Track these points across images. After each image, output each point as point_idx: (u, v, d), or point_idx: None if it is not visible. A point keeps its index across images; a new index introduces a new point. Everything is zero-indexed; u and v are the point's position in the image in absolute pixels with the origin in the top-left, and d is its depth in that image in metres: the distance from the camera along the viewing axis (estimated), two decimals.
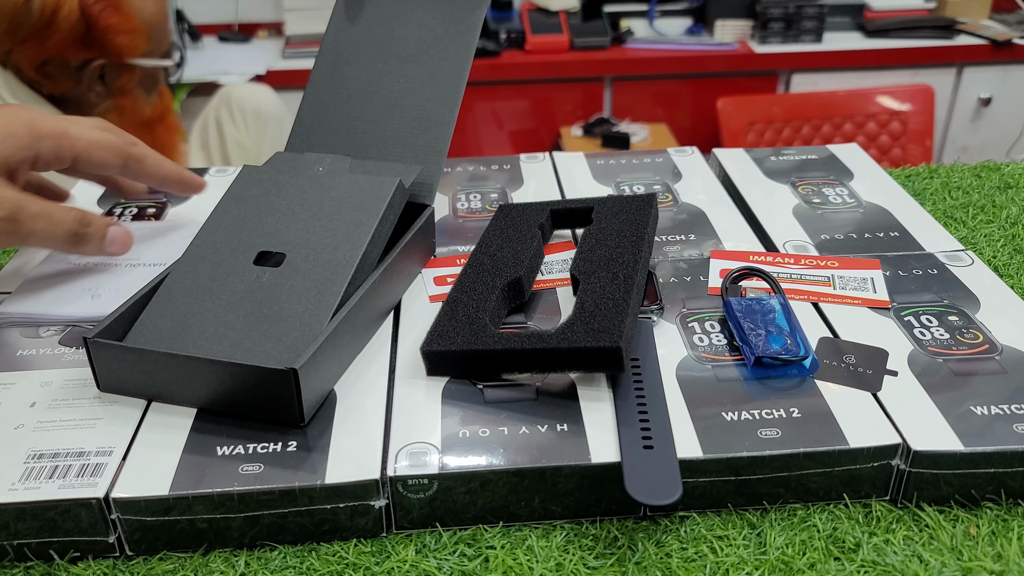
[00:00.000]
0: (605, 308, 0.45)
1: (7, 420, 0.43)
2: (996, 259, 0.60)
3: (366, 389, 0.45)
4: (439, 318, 0.48)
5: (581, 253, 0.52)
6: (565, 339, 0.43)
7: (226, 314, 0.46)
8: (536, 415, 0.42)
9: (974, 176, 0.73)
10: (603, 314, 0.44)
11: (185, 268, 0.49)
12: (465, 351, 0.45)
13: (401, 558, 0.38)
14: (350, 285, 0.47)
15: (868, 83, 2.09)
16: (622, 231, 0.53)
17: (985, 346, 0.47)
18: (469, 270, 0.52)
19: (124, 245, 0.54)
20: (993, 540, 0.39)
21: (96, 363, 0.44)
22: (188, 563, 0.39)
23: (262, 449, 0.40)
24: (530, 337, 0.44)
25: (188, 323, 0.46)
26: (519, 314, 0.51)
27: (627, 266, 0.49)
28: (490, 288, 0.50)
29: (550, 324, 0.49)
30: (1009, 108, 2.15)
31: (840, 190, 0.66)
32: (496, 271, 0.51)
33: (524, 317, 0.51)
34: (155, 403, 0.44)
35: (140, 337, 0.45)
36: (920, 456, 0.40)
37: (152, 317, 0.46)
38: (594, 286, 0.48)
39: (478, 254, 0.54)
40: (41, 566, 0.39)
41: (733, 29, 2.14)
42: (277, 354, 0.44)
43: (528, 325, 0.50)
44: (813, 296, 0.52)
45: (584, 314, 0.45)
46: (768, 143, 2.03)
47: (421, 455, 0.40)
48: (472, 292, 0.49)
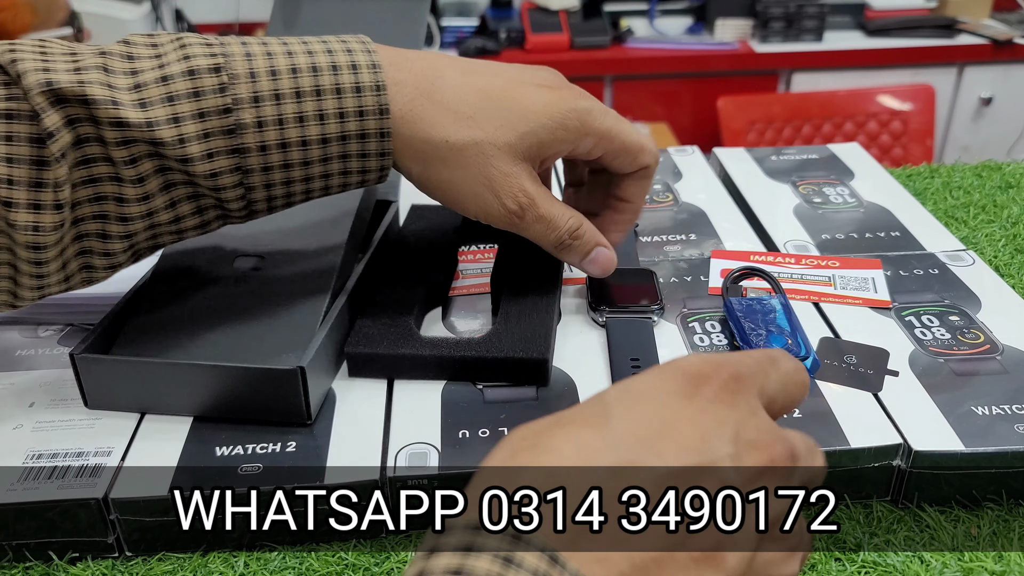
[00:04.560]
0: (531, 319, 0.46)
1: (6, 420, 0.43)
2: (997, 259, 0.60)
3: (366, 389, 0.45)
4: (362, 319, 0.47)
5: (501, 261, 0.53)
6: (493, 348, 0.44)
7: (213, 320, 0.45)
8: (536, 415, 0.42)
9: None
10: (529, 325, 0.46)
11: (162, 278, 0.48)
12: (392, 355, 0.45)
13: (401, 558, 0.38)
14: (336, 282, 0.47)
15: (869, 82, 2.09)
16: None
17: (986, 346, 0.47)
18: (387, 269, 0.52)
19: (604, 269, 0.49)
20: (994, 540, 0.39)
21: (84, 380, 0.43)
22: (187, 563, 0.39)
23: (261, 449, 0.40)
24: (457, 344, 0.45)
25: (175, 332, 0.45)
26: (436, 319, 0.51)
27: (549, 276, 0.50)
28: (411, 291, 0.50)
29: (468, 331, 0.49)
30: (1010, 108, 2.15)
31: (841, 190, 0.66)
32: (415, 274, 0.51)
33: (443, 321, 0.51)
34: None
35: (126, 349, 0.44)
36: (921, 456, 0.40)
37: (135, 328, 0.45)
38: (517, 296, 0.48)
39: (394, 254, 0.54)
40: (40, 566, 0.39)
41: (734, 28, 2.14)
42: (274, 355, 0.43)
43: (448, 331, 0.50)
44: (814, 296, 0.52)
45: (510, 324, 0.46)
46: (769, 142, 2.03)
47: (421, 455, 0.40)
48: (394, 294, 0.49)
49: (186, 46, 0.39)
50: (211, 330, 0.45)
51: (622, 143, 0.46)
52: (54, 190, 0.37)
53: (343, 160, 0.42)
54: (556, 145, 0.45)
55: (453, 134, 0.42)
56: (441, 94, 0.43)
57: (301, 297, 0.46)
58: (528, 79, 0.45)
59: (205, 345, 0.44)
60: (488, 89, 0.44)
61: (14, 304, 0.41)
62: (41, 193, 0.37)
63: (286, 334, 0.44)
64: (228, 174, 0.40)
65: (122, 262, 0.42)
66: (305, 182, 0.42)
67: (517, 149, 0.44)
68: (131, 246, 0.41)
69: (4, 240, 0.38)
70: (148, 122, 0.38)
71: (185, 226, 0.42)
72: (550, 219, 0.46)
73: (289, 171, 0.41)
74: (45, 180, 0.37)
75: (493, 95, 0.44)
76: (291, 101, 0.40)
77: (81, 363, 0.42)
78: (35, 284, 0.40)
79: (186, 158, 0.39)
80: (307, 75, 0.40)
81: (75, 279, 0.41)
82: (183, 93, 0.39)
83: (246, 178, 0.41)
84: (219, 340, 0.44)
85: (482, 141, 0.43)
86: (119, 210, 0.40)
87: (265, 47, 0.41)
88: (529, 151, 0.44)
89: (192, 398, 0.42)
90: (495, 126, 0.43)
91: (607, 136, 0.45)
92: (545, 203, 0.45)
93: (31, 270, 0.39)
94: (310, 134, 0.41)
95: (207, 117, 0.39)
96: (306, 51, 0.41)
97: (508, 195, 0.44)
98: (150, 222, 0.41)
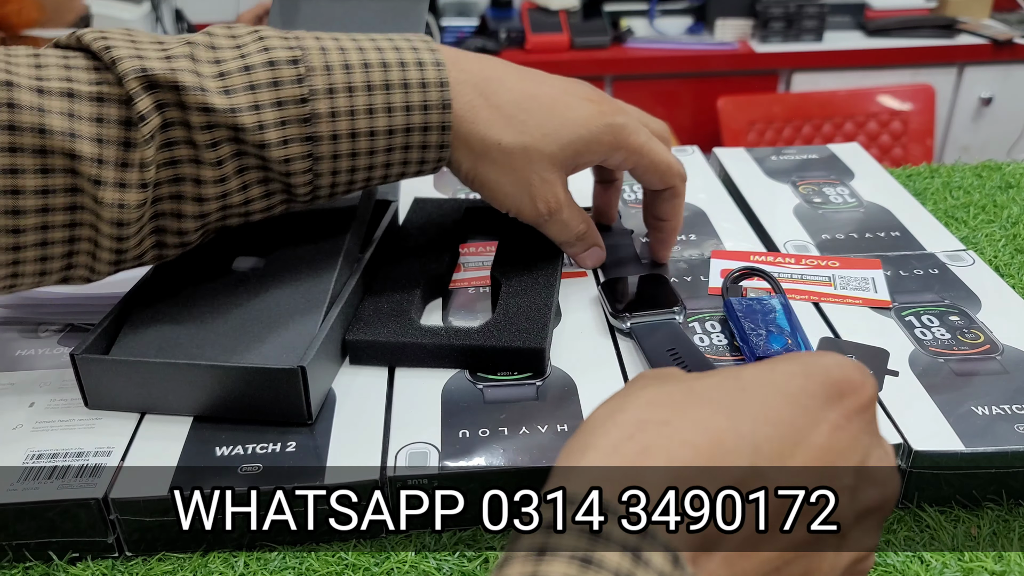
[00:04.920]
0: (528, 310, 0.48)
1: (6, 420, 0.43)
2: (997, 259, 0.60)
3: (365, 389, 0.45)
4: (363, 307, 0.49)
5: (501, 254, 0.54)
6: (491, 338, 0.45)
7: (213, 320, 0.45)
8: (536, 415, 0.42)
9: (975, 176, 0.73)
10: (527, 316, 0.47)
11: (160, 278, 0.48)
12: (391, 343, 0.46)
13: (401, 558, 0.38)
14: (336, 282, 0.47)
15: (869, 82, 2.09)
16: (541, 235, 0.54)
17: (986, 346, 0.47)
18: (388, 261, 0.53)
19: (594, 264, 0.54)
20: (994, 540, 0.39)
21: (85, 380, 0.43)
22: (187, 563, 0.39)
23: (261, 449, 0.40)
24: (456, 333, 0.46)
25: (175, 332, 0.45)
26: (437, 309, 0.52)
27: (547, 270, 0.52)
28: (413, 282, 0.51)
29: (468, 322, 0.50)
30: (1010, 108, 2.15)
31: (841, 190, 0.66)
32: (417, 265, 0.53)
33: (443, 313, 0.52)
34: None
35: (126, 349, 0.44)
36: (921, 456, 0.40)
37: (135, 328, 0.45)
38: (516, 288, 0.50)
39: (396, 246, 0.55)
40: (40, 566, 0.39)
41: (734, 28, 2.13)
42: (274, 355, 0.43)
43: (449, 321, 0.51)
44: (814, 296, 0.52)
45: (509, 315, 0.47)
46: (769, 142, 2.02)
47: (421, 455, 0.40)
48: (395, 284, 0.51)
49: (264, 38, 0.42)
50: (211, 330, 0.45)
51: (651, 161, 0.49)
52: (140, 170, 0.40)
53: (405, 151, 0.45)
54: (589, 155, 0.48)
55: (505, 137, 0.46)
56: (497, 96, 0.46)
57: (301, 297, 0.46)
58: (573, 91, 0.48)
59: (205, 345, 0.44)
60: (539, 96, 0.47)
61: (90, 278, 0.43)
62: (128, 173, 0.39)
63: (286, 334, 0.44)
64: (299, 160, 0.42)
65: (192, 240, 0.44)
66: (368, 170, 0.45)
67: (557, 159, 0.47)
68: (203, 226, 0.43)
69: (89, 217, 0.40)
70: (232, 108, 0.40)
71: (253, 208, 0.44)
72: (568, 223, 0.50)
73: (355, 159, 0.44)
74: (132, 161, 0.39)
75: (544, 103, 0.47)
76: (363, 94, 0.42)
77: (81, 363, 0.42)
78: (113, 259, 0.42)
79: (263, 143, 0.41)
80: (377, 70, 0.43)
81: (148, 255, 0.44)
82: (263, 82, 0.41)
83: (315, 165, 0.43)
84: (219, 340, 0.44)
85: (530, 148, 0.46)
86: (196, 191, 0.42)
87: (337, 42, 0.43)
88: (566, 161, 0.48)
89: (192, 398, 0.42)
90: (542, 134, 0.46)
91: (637, 152, 0.49)
92: (568, 209, 0.50)
93: (111, 245, 0.41)
94: (378, 125, 0.43)
95: (285, 105, 0.41)
96: (375, 47, 0.44)
97: (542, 199, 0.48)
98: (222, 204, 0.43)
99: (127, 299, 0.47)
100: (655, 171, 0.50)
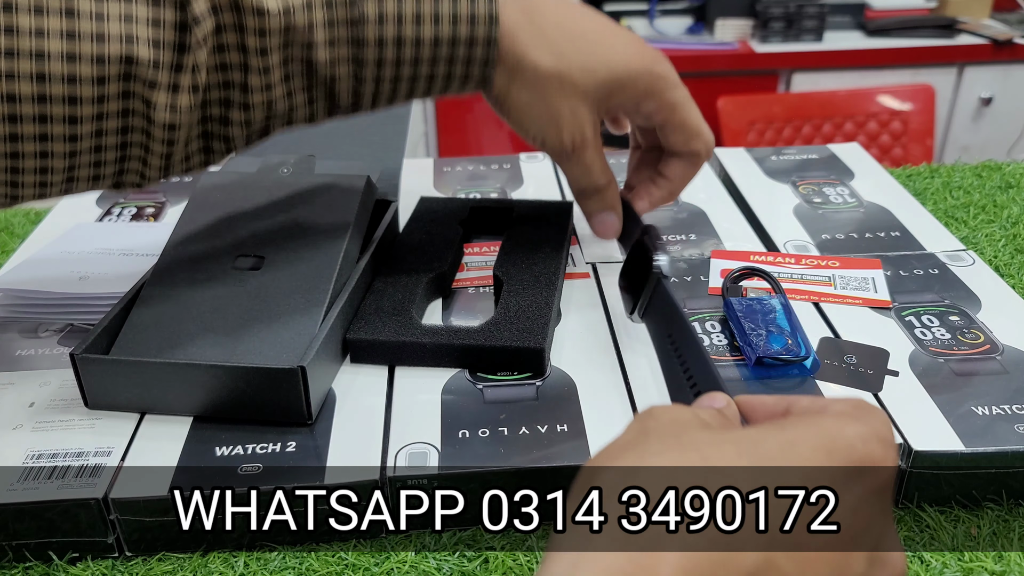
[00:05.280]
0: (529, 310, 0.48)
1: (6, 420, 0.43)
2: (997, 259, 0.60)
3: (365, 389, 0.45)
4: (364, 306, 0.49)
5: (504, 254, 0.54)
6: (492, 337, 0.45)
7: (213, 320, 0.45)
8: (536, 415, 0.42)
9: (975, 176, 0.73)
10: (528, 316, 0.47)
11: (162, 278, 0.48)
12: (392, 342, 0.46)
13: (401, 558, 0.38)
14: (336, 282, 0.47)
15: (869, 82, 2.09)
16: (544, 236, 0.54)
17: (986, 346, 0.47)
18: (391, 259, 0.53)
19: (606, 234, 0.52)
20: (994, 540, 0.39)
21: (85, 380, 0.43)
22: (187, 563, 0.39)
23: (261, 449, 0.40)
24: (457, 333, 0.46)
25: (175, 332, 0.45)
26: (439, 309, 0.52)
27: (549, 271, 0.52)
28: (415, 281, 0.51)
29: (469, 321, 0.50)
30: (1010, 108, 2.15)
31: (841, 190, 0.66)
32: (420, 264, 0.53)
33: (444, 312, 0.52)
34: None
35: (126, 349, 0.44)
36: (921, 456, 0.40)
37: (135, 328, 0.45)
38: (517, 288, 0.50)
39: (400, 244, 0.55)
40: (40, 566, 0.39)
41: (734, 28, 2.13)
42: (274, 355, 0.43)
43: (450, 320, 0.51)
44: (814, 296, 0.52)
45: (509, 315, 0.47)
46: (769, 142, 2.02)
47: (421, 455, 0.40)
48: (397, 283, 0.51)
49: None
50: (211, 330, 0.45)
51: (682, 119, 0.48)
52: (192, 73, 0.40)
53: (449, 64, 0.44)
54: (623, 96, 0.47)
55: (543, 61, 0.45)
56: (542, 18, 0.45)
57: (301, 297, 0.46)
58: (620, 31, 0.47)
59: (205, 345, 0.44)
60: (584, 27, 0.46)
61: (140, 184, 0.43)
62: (180, 76, 0.39)
63: (286, 334, 0.44)
64: (344, 63, 0.42)
65: (238, 147, 0.44)
66: (411, 81, 0.44)
67: (590, 95, 0.46)
68: (248, 132, 0.43)
69: (139, 122, 0.40)
70: (284, 9, 0.40)
71: (297, 116, 0.44)
72: (589, 166, 0.49)
73: (399, 68, 0.43)
74: (185, 64, 0.39)
75: (588, 35, 0.46)
76: (411, 1, 0.42)
77: (81, 363, 0.42)
78: (162, 164, 0.42)
79: (311, 43, 0.41)
80: None
81: (194, 160, 0.44)
82: None
83: (360, 70, 0.43)
84: (219, 340, 0.44)
85: (565, 77, 0.45)
86: (242, 98, 0.42)
87: None
88: (599, 99, 0.46)
89: (192, 398, 0.42)
90: (579, 65, 0.45)
91: (669, 106, 0.48)
92: (592, 151, 0.48)
93: (161, 150, 0.41)
94: (424, 34, 0.42)
95: (333, 6, 0.41)
96: None
97: (568, 132, 0.47)
98: (268, 112, 0.43)
99: (127, 299, 0.47)
100: (682, 130, 0.49)
